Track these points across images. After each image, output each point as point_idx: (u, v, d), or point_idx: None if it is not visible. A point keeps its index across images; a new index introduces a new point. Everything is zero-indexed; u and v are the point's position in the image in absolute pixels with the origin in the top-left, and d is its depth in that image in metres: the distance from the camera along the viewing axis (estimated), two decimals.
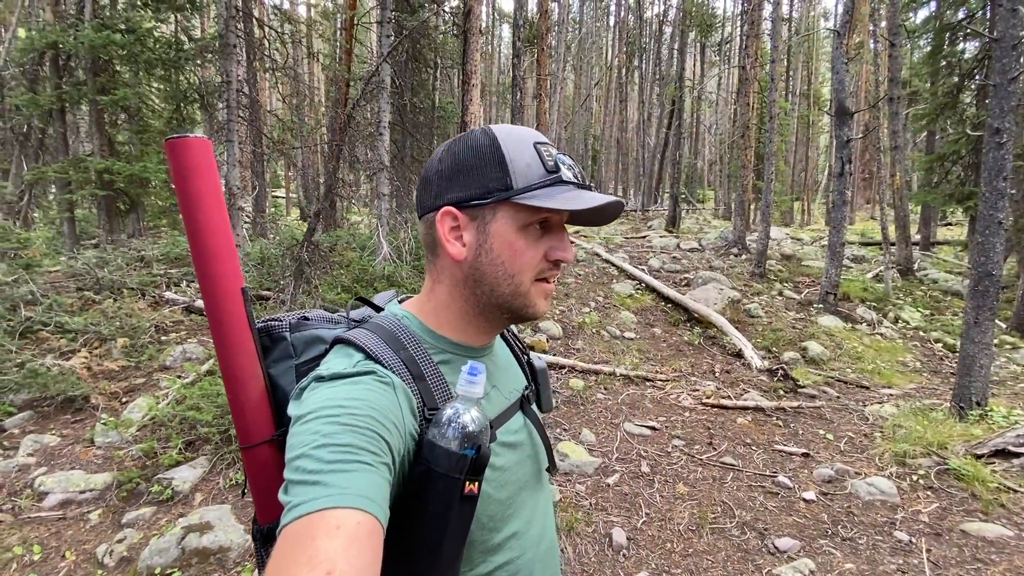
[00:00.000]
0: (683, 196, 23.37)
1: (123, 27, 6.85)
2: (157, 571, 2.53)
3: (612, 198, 0.64)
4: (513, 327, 0.88)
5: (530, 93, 14.83)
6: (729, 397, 4.76)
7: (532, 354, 0.86)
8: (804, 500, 3.16)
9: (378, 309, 0.77)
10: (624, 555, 2.67)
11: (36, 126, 7.29)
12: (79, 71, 7.21)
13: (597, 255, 9.12)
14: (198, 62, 7.31)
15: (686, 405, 4.60)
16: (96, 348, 4.69)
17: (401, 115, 6.71)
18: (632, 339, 6.11)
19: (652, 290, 7.53)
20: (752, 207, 14.62)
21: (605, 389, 4.89)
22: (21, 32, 7.47)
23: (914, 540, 2.79)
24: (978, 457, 3.41)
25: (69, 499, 3.13)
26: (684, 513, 3.02)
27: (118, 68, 7.45)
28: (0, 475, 3.35)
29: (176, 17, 7.54)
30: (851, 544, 2.76)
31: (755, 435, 4.06)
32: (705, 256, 9.98)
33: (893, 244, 9.15)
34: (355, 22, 8.87)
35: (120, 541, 2.75)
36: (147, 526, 2.89)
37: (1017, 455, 3.36)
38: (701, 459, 3.67)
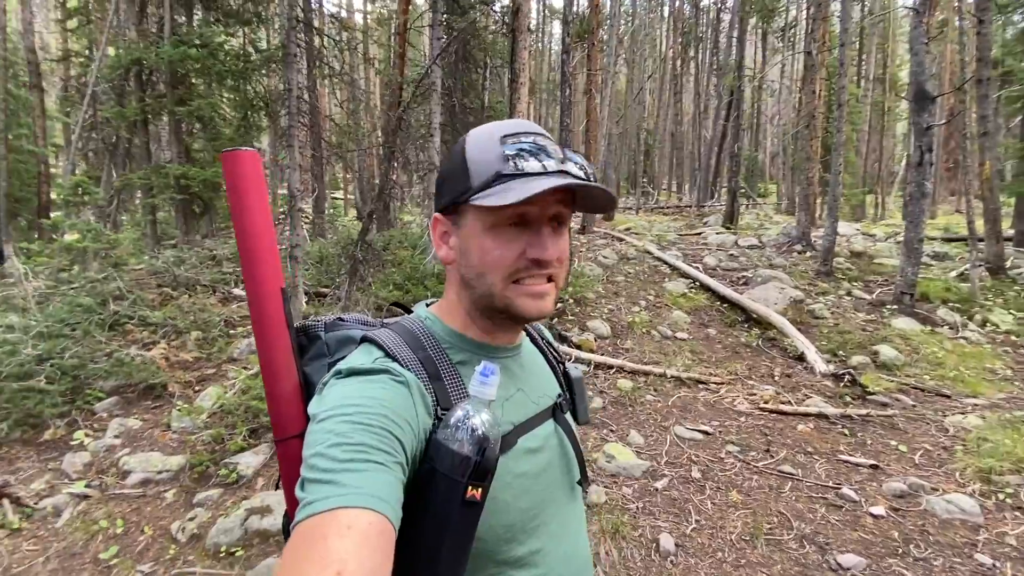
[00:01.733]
0: (743, 191, 22.38)
1: (198, 42, 7.35)
2: (223, 549, 2.71)
3: (559, 181, 0.59)
4: (545, 332, 0.89)
5: (580, 89, 14.69)
6: (789, 402, 4.51)
7: (569, 364, 0.85)
8: (871, 515, 2.95)
9: (409, 313, 0.79)
10: (672, 562, 2.60)
11: (123, 137, 7.97)
12: (160, 85, 7.82)
13: (648, 252, 8.90)
14: (263, 72, 7.76)
15: (742, 410, 4.41)
16: (173, 340, 5.08)
17: (452, 116, 6.82)
18: (684, 340, 5.92)
19: (707, 289, 7.25)
20: (818, 201, 13.78)
21: (655, 391, 4.77)
22: (111, 51, 8.17)
23: (998, 565, 2.53)
24: None
25: (148, 478, 3.42)
26: (737, 522, 2.90)
27: (193, 81, 8.03)
28: (90, 454, 3.70)
29: (244, 31, 8.02)
30: (924, 565, 2.55)
31: (817, 443, 3.83)
32: (765, 254, 9.51)
33: (981, 240, 8.34)
34: (408, 26, 9.10)
35: (191, 519, 2.97)
36: (215, 506, 3.11)
37: None
38: (757, 467, 3.50)
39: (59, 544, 2.92)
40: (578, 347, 5.56)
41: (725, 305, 6.79)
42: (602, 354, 5.46)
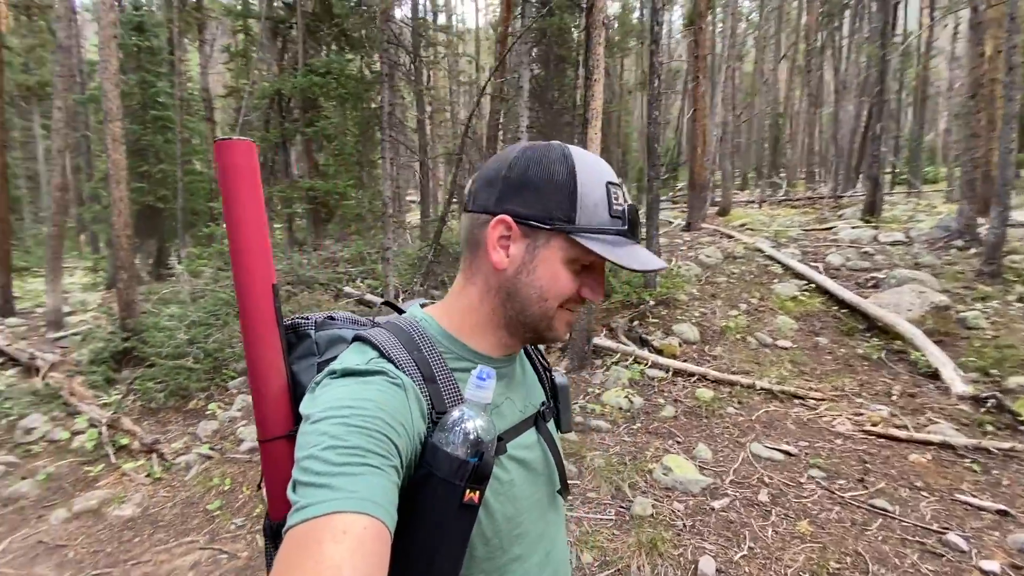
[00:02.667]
0: (902, 177, 19.14)
1: (323, 70, 8.35)
2: None
3: (661, 264, 0.68)
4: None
5: (684, 77, 13.79)
6: (906, 427, 3.84)
7: (555, 372, 0.85)
8: (981, 570, 2.42)
9: (402, 313, 0.77)
10: None
11: (269, 156, 9.37)
12: (295, 110, 9.04)
13: (759, 251, 8.11)
14: (375, 91, 8.59)
15: (841, 431, 3.86)
16: None
17: (539, 117, 6.89)
18: (786, 348, 5.32)
19: (824, 292, 6.41)
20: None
21: (739, 403, 4.38)
22: (261, 85, 9.61)
23: None
24: None
25: (255, 447, 4.03)
26: (799, 556, 2.58)
27: (321, 104, 9.14)
28: (218, 423, 4.46)
29: (361, 55, 8.97)
30: None
31: (931, 478, 3.22)
32: (912, 251, 8.08)
33: None
34: (508, 33, 9.38)
35: None
36: None
37: None
38: (842, 497, 3.06)
39: (184, 494, 3.59)
40: (659, 352, 5.30)
41: (844, 311, 5.95)
42: (684, 360, 5.15)
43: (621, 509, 3.04)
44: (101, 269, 10.41)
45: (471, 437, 0.55)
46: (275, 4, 8.75)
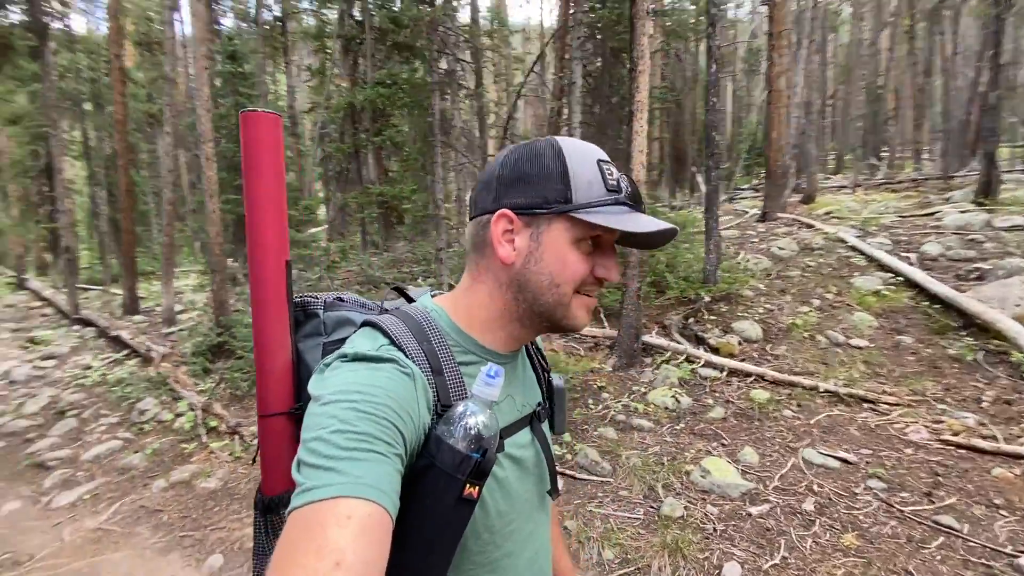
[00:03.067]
0: None
1: (389, 81, 8.83)
2: None
3: (666, 225, 0.65)
4: (539, 341, 0.88)
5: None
6: (995, 437, 3.40)
7: (553, 374, 0.85)
8: None
9: (411, 301, 0.77)
10: None
11: (344, 165, 10.07)
12: (366, 120, 9.63)
13: (841, 241, 7.43)
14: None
15: (914, 439, 3.50)
16: None
17: (594, 112, 6.81)
18: (861, 348, 4.87)
19: (913, 285, 5.76)
20: None
21: (798, 406, 4.10)
22: (340, 98, 10.33)
23: None
24: None
25: None
26: (838, 569, 2.41)
27: (390, 113, 9.66)
28: None
29: (424, 64, 9.38)
30: None
31: (1016, 495, 2.84)
32: None
33: None
34: (567, 30, 9.34)
35: None
36: None
37: None
38: (902, 510, 2.80)
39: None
40: (715, 351, 5.08)
41: (936, 306, 5.31)
42: (742, 360, 4.89)
43: (651, 509, 3.00)
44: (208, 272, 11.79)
45: (475, 433, 0.55)
46: (347, 23, 9.36)
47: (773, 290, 6.26)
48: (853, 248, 7.11)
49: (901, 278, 5.94)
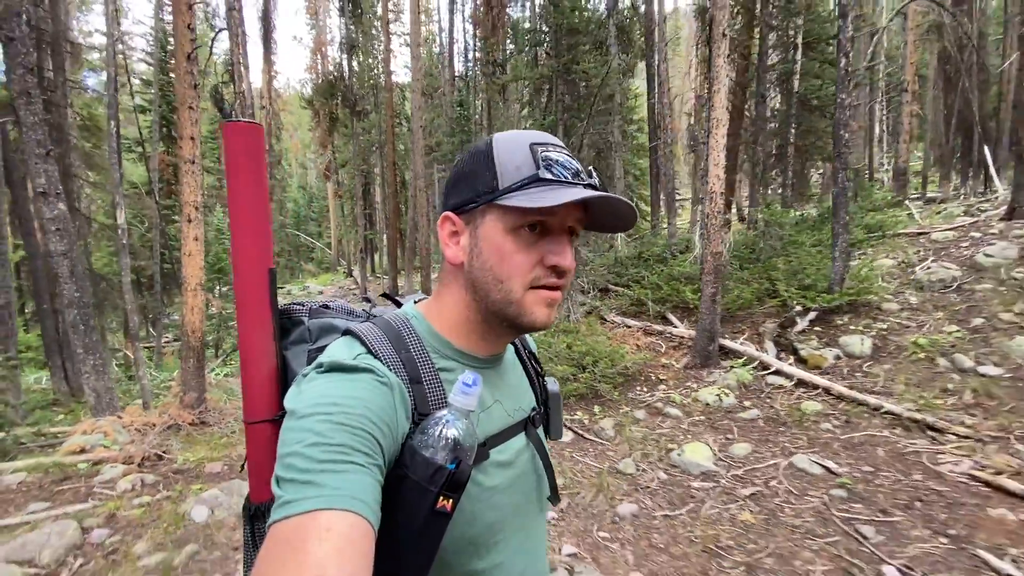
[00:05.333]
0: None
1: (574, 105, 10.27)
2: None
3: (595, 193, 0.60)
4: (529, 342, 0.86)
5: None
6: None
7: (548, 379, 0.83)
8: None
9: (399, 306, 0.75)
10: (614, 523, 3.09)
11: None
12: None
13: None
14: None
15: (940, 471, 3.24)
16: None
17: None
18: (988, 376, 4.14)
19: None
20: None
21: (845, 422, 4.01)
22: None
23: None
24: None
25: None
26: (720, 533, 2.89)
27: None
28: None
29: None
30: None
31: (997, 535, 2.62)
32: None
33: None
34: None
35: None
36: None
37: None
38: (833, 514, 2.93)
39: None
40: (803, 362, 4.97)
41: None
42: (824, 373, 4.72)
43: (613, 466, 3.77)
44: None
45: (450, 443, 0.54)
46: (540, 64, 11.20)
47: (928, 304, 5.41)
48: None
49: None
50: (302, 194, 37.17)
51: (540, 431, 0.76)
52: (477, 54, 15.56)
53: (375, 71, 17.50)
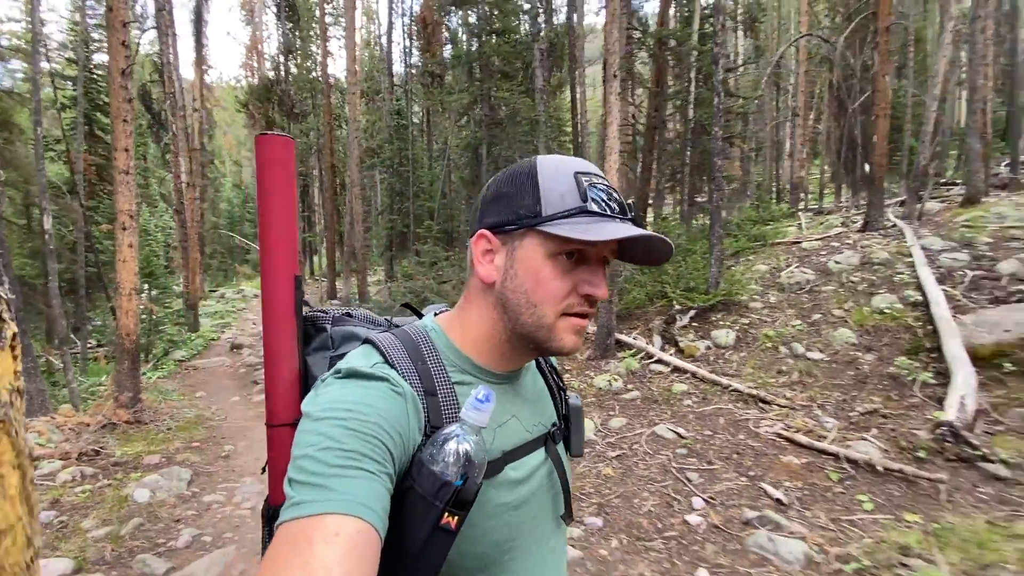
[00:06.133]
0: None
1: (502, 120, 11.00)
2: None
3: (641, 232, 0.62)
4: (553, 359, 0.86)
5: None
6: (824, 438, 3.89)
7: (569, 393, 0.82)
8: (685, 520, 3.10)
9: (420, 317, 0.76)
10: None
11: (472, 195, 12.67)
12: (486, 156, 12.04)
13: (906, 255, 6.94)
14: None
15: (759, 432, 4.18)
16: None
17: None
18: (812, 360, 5.21)
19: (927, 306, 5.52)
20: None
21: (703, 398, 4.93)
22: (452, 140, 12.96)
23: None
24: None
25: None
26: (580, 483, 3.66)
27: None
28: None
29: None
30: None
31: (783, 474, 3.55)
32: None
33: None
34: None
35: None
36: None
37: None
38: (674, 465, 3.78)
39: None
40: (681, 351, 5.92)
41: (930, 327, 5.16)
42: (693, 360, 5.68)
43: None
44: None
45: (459, 458, 0.54)
46: (461, 89, 11.85)
47: (784, 303, 6.53)
48: (911, 263, 6.67)
49: (920, 297, 5.69)
50: (237, 193, 35.93)
51: (560, 447, 0.75)
52: (416, 60, 16.06)
53: (314, 73, 17.54)
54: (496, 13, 10.31)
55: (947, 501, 3.08)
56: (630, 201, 0.66)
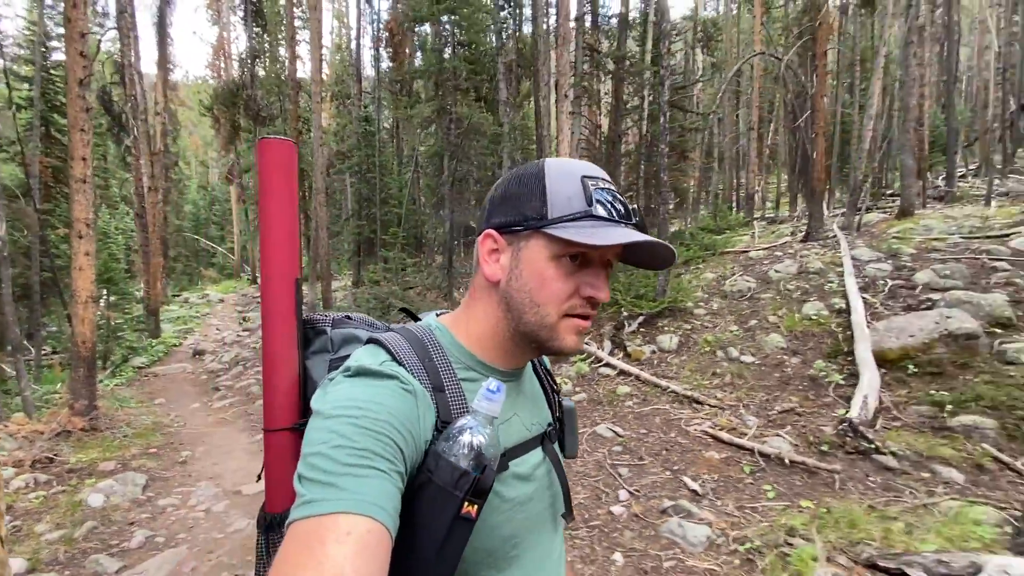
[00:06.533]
0: None
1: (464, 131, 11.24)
2: None
3: (644, 237, 0.63)
4: (544, 358, 0.87)
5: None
6: (744, 434, 4.27)
7: (563, 396, 0.85)
8: (610, 510, 3.41)
9: (417, 320, 0.77)
10: None
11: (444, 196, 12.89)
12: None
13: (835, 265, 7.49)
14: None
15: (688, 430, 4.54)
16: None
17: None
18: (744, 363, 5.63)
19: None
20: None
21: (643, 399, 5.28)
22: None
23: None
24: None
25: None
26: None
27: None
28: None
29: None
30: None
31: (702, 468, 3.89)
32: None
33: None
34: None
35: None
36: None
37: None
38: (607, 461, 4.09)
39: None
40: (629, 356, 6.28)
41: (850, 332, 5.64)
42: (643, 365, 6.03)
43: None
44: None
45: (475, 449, 0.55)
46: (421, 103, 12.07)
47: (725, 310, 6.97)
48: (841, 273, 7.21)
49: (844, 305, 6.19)
50: (203, 195, 35.16)
51: (556, 447, 0.77)
52: (384, 67, 16.19)
53: (282, 76, 17.47)
54: (459, 28, 10.58)
55: (839, 489, 3.47)
56: (635, 206, 0.68)
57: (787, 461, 3.80)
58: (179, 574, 3.07)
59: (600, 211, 0.63)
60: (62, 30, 12.19)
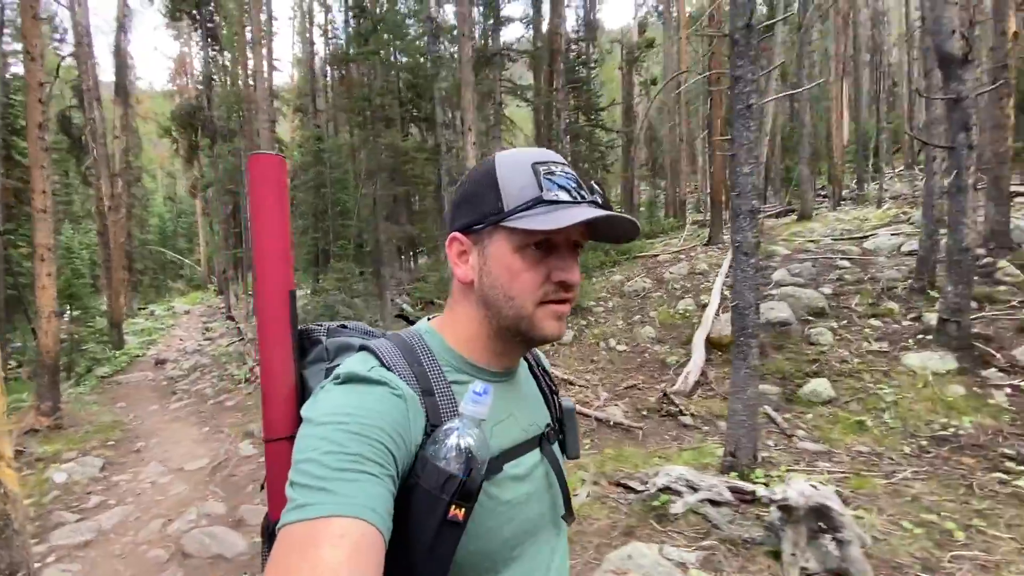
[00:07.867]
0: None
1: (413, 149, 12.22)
2: None
3: (600, 213, 0.63)
4: (542, 359, 0.88)
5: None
6: (600, 407, 5.36)
7: (562, 395, 0.85)
8: None
9: (412, 324, 0.77)
10: None
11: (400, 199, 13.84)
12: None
13: (718, 267, 8.72)
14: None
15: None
16: None
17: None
18: (618, 351, 6.75)
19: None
20: None
21: None
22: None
23: None
24: None
25: None
26: None
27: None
28: None
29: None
30: None
31: None
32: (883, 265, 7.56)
33: None
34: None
35: None
36: None
37: None
38: None
39: None
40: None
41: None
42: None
43: None
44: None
45: (462, 452, 0.55)
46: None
47: (619, 308, 8.12)
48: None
49: (708, 301, 7.39)
50: (169, 207, 35.31)
51: (555, 448, 0.77)
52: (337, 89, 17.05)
53: (241, 91, 18.15)
54: (401, 53, 11.57)
55: (641, 441, 4.58)
56: (593, 182, 0.68)
57: (611, 423, 4.91)
58: (125, 523, 4.00)
59: (552, 195, 0.63)
60: (17, 46, 12.77)
